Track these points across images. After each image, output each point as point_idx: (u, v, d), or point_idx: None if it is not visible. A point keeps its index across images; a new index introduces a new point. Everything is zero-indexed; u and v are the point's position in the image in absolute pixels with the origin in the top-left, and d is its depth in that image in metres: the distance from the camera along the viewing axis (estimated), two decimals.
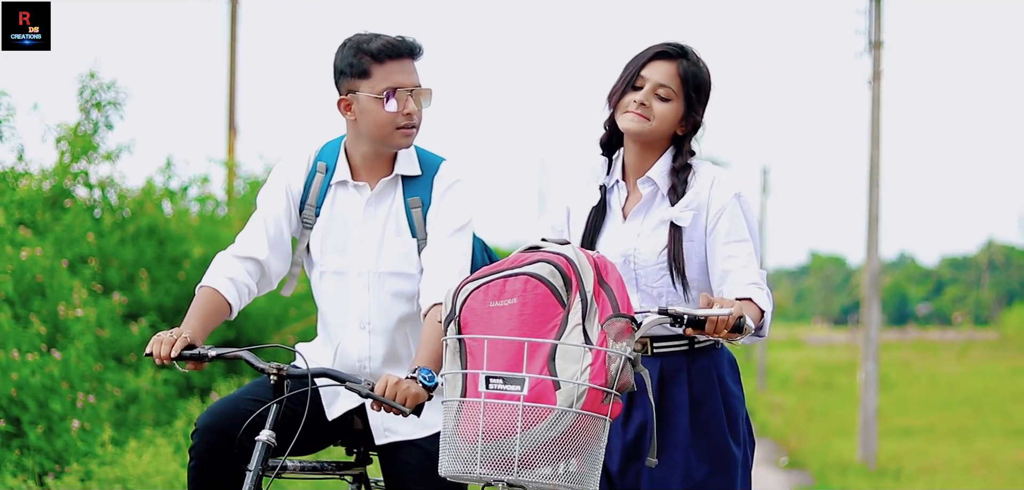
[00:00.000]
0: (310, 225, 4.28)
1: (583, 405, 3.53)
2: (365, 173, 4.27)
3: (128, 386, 9.83)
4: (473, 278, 3.75)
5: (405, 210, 4.23)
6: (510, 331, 3.59)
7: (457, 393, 3.62)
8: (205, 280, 4.16)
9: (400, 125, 4.18)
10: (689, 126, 4.09)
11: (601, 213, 4.16)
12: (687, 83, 4.04)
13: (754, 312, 3.93)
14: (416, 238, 4.22)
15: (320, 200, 4.29)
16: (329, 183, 4.29)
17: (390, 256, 4.21)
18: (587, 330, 3.60)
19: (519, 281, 3.65)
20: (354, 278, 4.23)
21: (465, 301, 3.69)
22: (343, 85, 4.21)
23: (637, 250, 4.08)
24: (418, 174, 4.26)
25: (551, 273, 3.65)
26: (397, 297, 4.21)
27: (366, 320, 4.21)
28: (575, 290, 3.64)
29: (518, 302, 3.62)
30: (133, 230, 11.49)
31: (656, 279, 4.07)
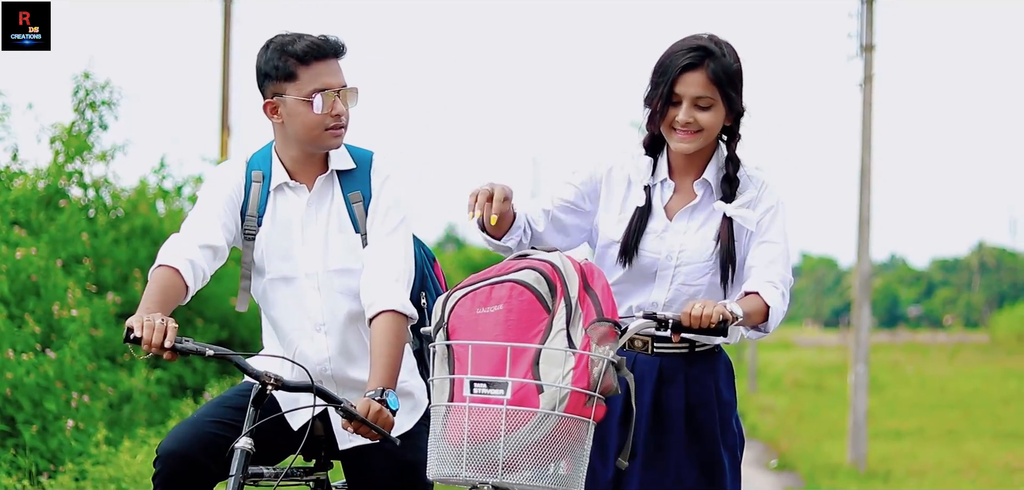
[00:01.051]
0: (252, 235, 4.22)
1: (566, 408, 3.60)
2: (300, 174, 4.22)
3: (122, 386, 9.86)
4: (461, 286, 3.81)
5: (346, 206, 4.20)
6: (496, 337, 3.65)
7: (444, 398, 3.71)
8: (163, 259, 4.01)
9: (329, 126, 4.13)
10: (733, 117, 4.13)
11: (646, 213, 4.18)
12: (721, 84, 4.05)
13: (756, 306, 3.97)
14: (359, 233, 4.19)
15: (261, 208, 4.22)
16: (268, 190, 4.23)
17: (336, 254, 4.16)
18: (571, 335, 3.66)
19: (505, 288, 3.72)
20: (303, 281, 4.18)
21: (453, 308, 3.76)
22: (268, 88, 4.17)
23: (683, 249, 4.13)
24: (353, 168, 4.24)
25: (536, 279, 3.72)
26: (346, 295, 4.16)
27: (320, 321, 4.17)
28: (560, 296, 3.71)
29: (504, 308, 3.69)
30: (127, 230, 11.48)
31: (699, 277, 4.13)
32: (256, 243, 4.21)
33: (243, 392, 4.14)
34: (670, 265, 4.12)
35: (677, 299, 4.12)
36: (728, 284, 4.13)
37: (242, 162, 4.27)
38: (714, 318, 3.77)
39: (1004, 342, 45.12)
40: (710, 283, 4.14)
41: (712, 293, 4.13)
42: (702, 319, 3.76)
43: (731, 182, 4.15)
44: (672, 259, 4.12)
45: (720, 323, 3.77)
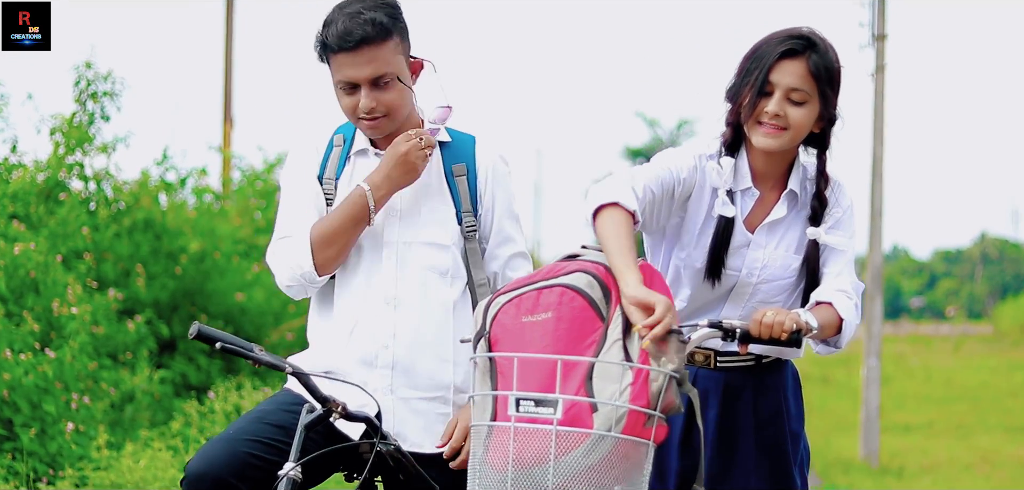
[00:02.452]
0: (331, 199, 3.98)
1: (623, 429, 3.21)
2: (387, 140, 3.97)
3: (124, 385, 9.63)
4: (505, 290, 3.47)
5: (446, 177, 3.98)
6: (544, 348, 3.29)
7: (486, 417, 3.32)
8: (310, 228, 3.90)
9: (361, 117, 3.90)
10: (825, 122, 3.79)
11: (731, 223, 3.84)
12: (820, 79, 3.72)
13: (829, 318, 3.67)
14: (457, 208, 3.96)
15: (338, 173, 3.99)
16: (347, 154, 4.00)
17: (425, 225, 3.93)
18: (628, 347, 3.29)
19: (554, 293, 3.36)
20: (381, 249, 3.92)
21: (495, 316, 3.42)
22: None
23: (766, 266, 3.83)
24: (449, 141, 4.01)
25: (589, 284, 3.37)
26: (429, 271, 3.91)
27: (392, 296, 3.89)
28: (615, 302, 3.35)
29: (553, 316, 3.33)
30: (128, 224, 11.27)
31: (775, 296, 3.84)
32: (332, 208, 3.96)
33: (287, 407, 3.78)
34: (750, 282, 3.82)
35: (751, 315, 3.75)
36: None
37: (326, 131, 4.07)
38: (787, 328, 3.44)
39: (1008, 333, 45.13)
40: (784, 302, 3.84)
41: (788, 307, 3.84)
42: (773, 329, 3.44)
43: (821, 200, 3.83)
44: (753, 276, 3.82)
45: (793, 334, 3.45)
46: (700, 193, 3.83)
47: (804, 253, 3.82)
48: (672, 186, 3.79)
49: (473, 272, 3.97)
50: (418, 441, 3.86)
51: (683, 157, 3.81)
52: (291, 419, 3.69)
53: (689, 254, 3.84)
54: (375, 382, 3.88)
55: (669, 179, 3.78)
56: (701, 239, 3.82)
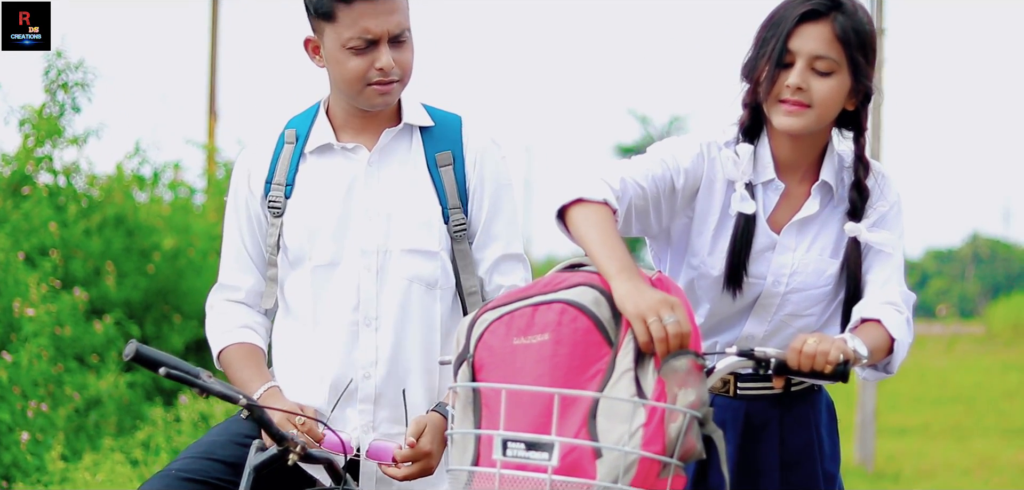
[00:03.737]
0: (280, 210, 3.46)
1: (632, 480, 2.61)
2: (355, 130, 3.47)
3: (89, 390, 9.22)
4: (494, 305, 2.88)
5: (429, 167, 3.46)
6: (539, 378, 2.71)
7: (467, 460, 2.75)
8: (230, 337, 3.50)
9: (373, 80, 3.37)
10: (860, 97, 3.20)
11: (752, 223, 3.26)
12: (849, 44, 3.12)
13: (878, 340, 3.07)
14: (443, 205, 3.44)
15: (290, 176, 3.46)
16: (301, 152, 3.48)
17: (407, 228, 3.42)
18: (640, 379, 2.69)
19: (553, 311, 2.78)
20: (355, 262, 3.41)
21: (482, 336, 2.83)
22: (310, 21, 3.44)
23: (796, 272, 3.26)
24: (431, 125, 3.49)
25: (595, 301, 2.78)
26: (413, 282, 3.41)
27: (372, 315, 3.39)
28: (626, 324, 2.75)
29: (551, 339, 2.76)
30: (99, 220, 10.89)
31: (809, 307, 3.29)
32: (287, 220, 3.44)
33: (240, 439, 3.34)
34: (777, 292, 3.26)
35: (777, 334, 3.25)
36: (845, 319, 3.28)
37: (276, 128, 3.56)
38: (832, 359, 2.85)
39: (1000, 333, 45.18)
40: (820, 316, 3.27)
41: (820, 325, 3.27)
42: (816, 360, 2.85)
43: (861, 191, 3.26)
44: (780, 285, 3.25)
45: (840, 366, 2.87)
46: (710, 187, 3.26)
47: (842, 256, 3.27)
48: (670, 180, 3.22)
49: (463, 278, 3.47)
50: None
51: (685, 146, 3.26)
52: (243, 455, 3.22)
53: (703, 261, 3.27)
54: (354, 419, 3.40)
55: (665, 173, 3.22)
56: (717, 243, 3.26)
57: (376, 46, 3.35)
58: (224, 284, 3.55)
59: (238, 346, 3.48)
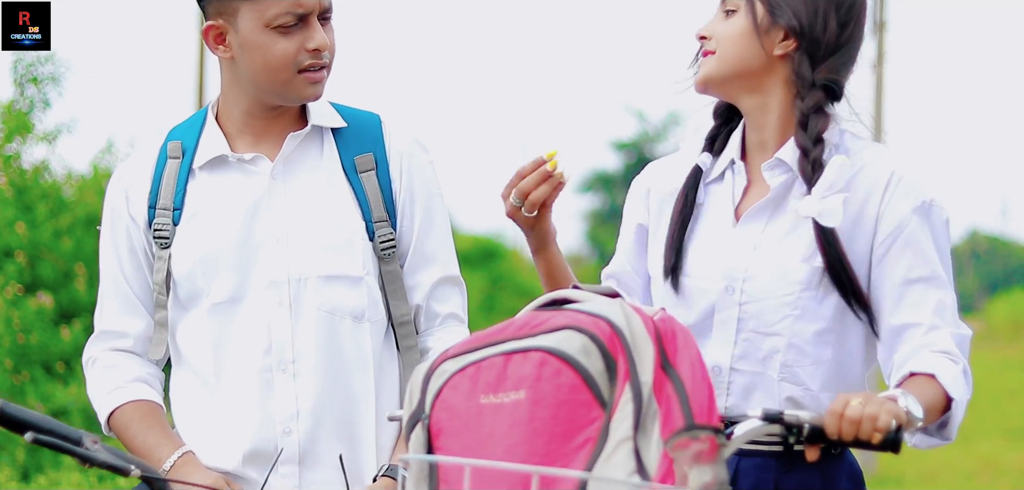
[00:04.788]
0: (167, 240, 2.95)
1: None
2: (254, 137, 2.95)
3: (55, 399, 8.83)
4: (455, 352, 2.29)
5: (347, 173, 2.94)
6: (512, 449, 2.15)
7: None
8: (121, 395, 2.98)
9: (304, 65, 2.88)
10: (789, 37, 2.65)
11: (688, 209, 2.74)
12: None
13: (933, 398, 2.50)
14: (367, 219, 2.93)
15: (178, 198, 2.94)
16: (188, 168, 2.96)
17: (323, 251, 2.90)
18: (641, 450, 2.13)
19: (531, 361, 2.21)
20: (261, 297, 2.89)
21: (440, 392, 2.26)
22: (211, 6, 2.90)
23: (749, 273, 2.66)
24: (344, 126, 2.97)
25: (583, 349, 2.20)
26: (335, 315, 2.89)
27: (288, 358, 2.87)
28: (623, 379, 2.18)
29: (528, 398, 2.18)
30: (70, 221, 10.52)
31: (776, 321, 2.65)
32: (175, 251, 2.92)
33: None
34: (731, 301, 2.66)
35: (748, 358, 2.66)
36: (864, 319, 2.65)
37: (155, 141, 3.04)
38: (882, 424, 2.28)
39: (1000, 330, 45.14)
40: (817, 337, 2.64)
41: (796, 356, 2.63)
42: (862, 426, 2.27)
43: (812, 160, 2.62)
44: (734, 290, 2.65)
45: (891, 434, 2.31)
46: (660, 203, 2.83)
47: (827, 263, 2.63)
48: (634, 234, 2.84)
49: (393, 306, 2.97)
50: None
51: (631, 194, 2.88)
52: None
53: (655, 263, 2.78)
54: (276, 487, 2.89)
55: (630, 235, 2.84)
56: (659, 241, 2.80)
57: (306, 23, 2.87)
58: (106, 331, 3.04)
59: (134, 405, 2.96)
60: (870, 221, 2.66)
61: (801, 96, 2.66)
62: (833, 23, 2.66)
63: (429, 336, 2.99)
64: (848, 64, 2.70)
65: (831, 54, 2.67)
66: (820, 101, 2.66)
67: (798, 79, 2.65)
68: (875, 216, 2.65)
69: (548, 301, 2.33)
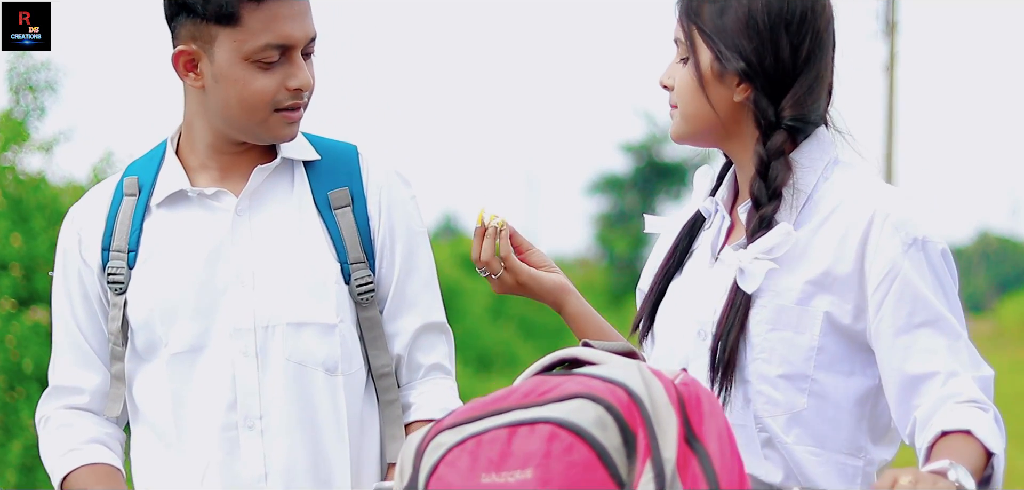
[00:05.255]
0: (122, 285, 2.69)
1: None
2: (218, 171, 2.71)
3: None
4: (452, 422, 2.04)
5: (321, 211, 2.71)
6: None
7: None
8: (77, 457, 2.73)
9: (283, 105, 2.64)
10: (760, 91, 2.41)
11: (676, 258, 2.55)
12: (697, 19, 2.42)
13: (973, 456, 2.22)
14: (342, 260, 2.69)
15: (134, 239, 2.70)
16: (146, 205, 2.72)
17: (293, 295, 2.66)
18: None
19: (539, 436, 1.95)
20: (225, 346, 2.65)
21: (435, 467, 2.01)
22: (184, 29, 2.64)
23: (716, 317, 2.43)
24: (317, 159, 2.76)
25: (599, 422, 1.94)
26: (306, 366, 2.65)
27: (254, 413, 2.63)
28: (644, 455, 1.92)
29: (535, 477, 1.92)
30: None
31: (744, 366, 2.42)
32: (132, 297, 2.69)
33: None
34: (703, 347, 2.44)
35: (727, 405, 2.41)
36: (727, 401, 2.39)
37: (111, 179, 2.81)
38: None
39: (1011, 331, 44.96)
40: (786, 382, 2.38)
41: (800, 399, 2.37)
42: None
43: (760, 215, 2.41)
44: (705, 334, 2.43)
45: None
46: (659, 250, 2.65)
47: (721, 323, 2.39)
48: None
49: (372, 356, 2.73)
50: None
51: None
52: None
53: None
54: None
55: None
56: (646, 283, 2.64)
57: (288, 57, 2.63)
58: (60, 387, 2.77)
59: (89, 469, 2.70)
60: (851, 268, 2.40)
61: (763, 140, 2.43)
62: (784, 49, 2.40)
63: (411, 389, 2.76)
64: (815, 89, 2.43)
65: (792, 83, 2.41)
66: (782, 144, 2.42)
67: (761, 120, 2.43)
68: (859, 263, 2.40)
69: (556, 361, 2.08)
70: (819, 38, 2.41)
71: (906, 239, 2.37)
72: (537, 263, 2.69)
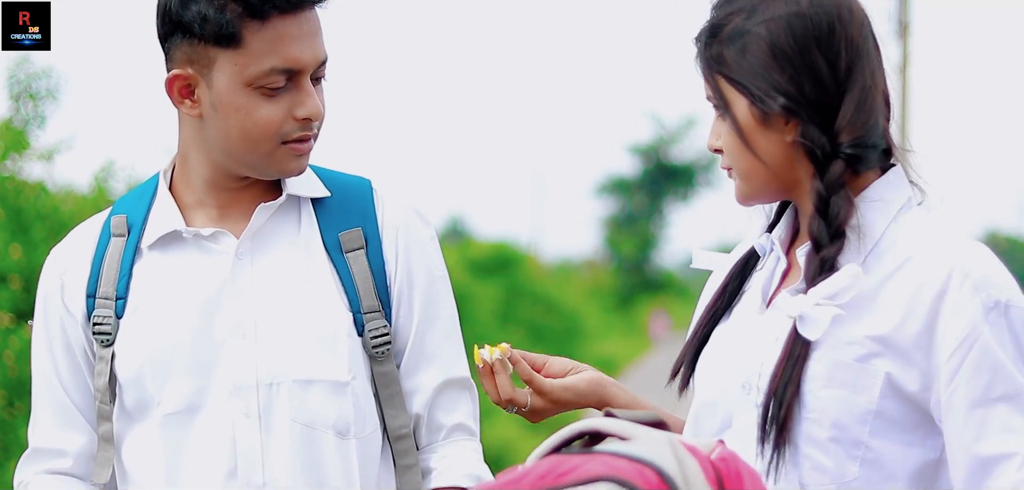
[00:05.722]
0: (110, 336, 2.43)
1: None
2: (217, 210, 2.45)
3: None
4: None
5: (331, 255, 2.44)
6: None
7: None
8: None
9: (291, 137, 2.37)
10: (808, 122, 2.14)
11: (723, 301, 2.29)
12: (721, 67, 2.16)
13: None
14: (355, 310, 2.43)
15: (122, 285, 2.42)
16: (136, 247, 2.45)
17: (301, 349, 2.40)
18: None
19: None
20: (224, 406, 2.39)
21: None
22: (179, 51, 2.37)
23: (766, 368, 2.17)
24: (326, 195, 2.49)
25: None
26: (315, 429, 2.40)
27: (257, 482, 2.37)
28: None
29: None
30: None
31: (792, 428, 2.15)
32: (119, 350, 2.42)
33: None
34: (748, 402, 2.18)
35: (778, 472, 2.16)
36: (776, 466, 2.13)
37: (98, 218, 2.53)
38: None
39: None
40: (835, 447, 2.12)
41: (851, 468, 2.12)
42: None
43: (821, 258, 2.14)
44: (750, 388, 2.17)
45: None
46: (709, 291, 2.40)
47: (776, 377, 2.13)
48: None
49: (388, 416, 2.47)
50: None
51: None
52: None
53: None
54: None
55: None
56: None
57: (296, 84, 2.36)
58: (40, 449, 2.48)
59: None
60: (921, 329, 2.12)
61: (819, 174, 2.16)
62: (821, 68, 2.15)
63: (432, 453, 2.50)
64: (866, 102, 2.17)
65: (839, 103, 2.16)
66: (841, 174, 2.15)
67: (816, 152, 2.16)
68: (931, 325, 2.12)
69: (574, 435, 1.80)
70: (855, 46, 2.17)
71: (987, 301, 2.10)
72: (560, 372, 2.41)
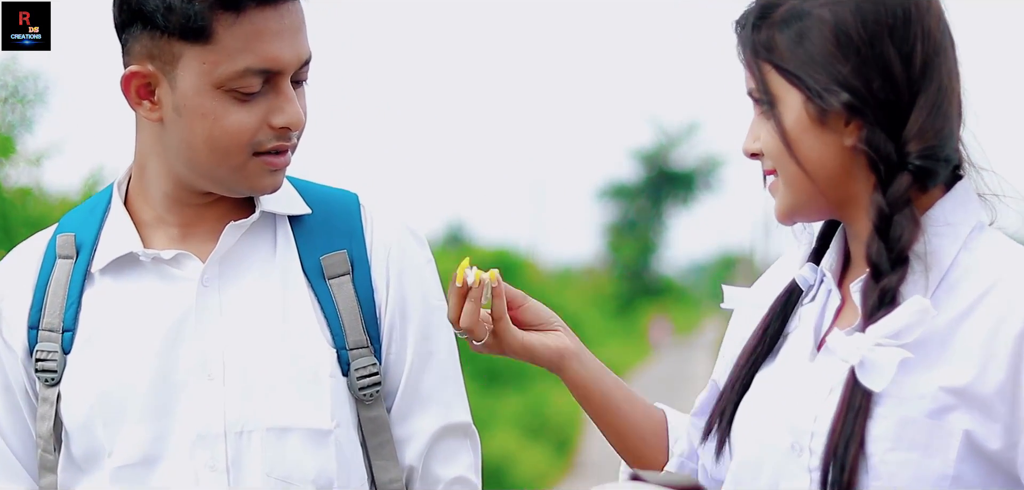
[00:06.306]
0: (55, 375, 2.07)
1: None
2: (180, 228, 2.12)
3: None
4: None
5: (312, 282, 2.11)
6: None
7: None
8: None
9: (265, 147, 2.04)
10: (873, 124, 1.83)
11: (773, 332, 1.96)
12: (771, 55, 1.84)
13: None
14: (339, 346, 2.09)
15: (70, 315, 2.08)
16: (86, 271, 2.11)
17: (275, 392, 2.07)
18: None
19: None
20: (186, 456, 2.05)
21: None
22: (139, 44, 2.04)
23: (821, 425, 1.85)
24: (307, 212, 2.15)
25: None
26: (291, 486, 2.07)
27: None
28: None
29: None
30: None
31: None
32: (66, 391, 2.09)
33: None
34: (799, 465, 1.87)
35: None
36: None
37: (41, 237, 2.19)
38: None
39: None
40: None
41: None
42: None
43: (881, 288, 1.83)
44: (801, 449, 1.86)
45: None
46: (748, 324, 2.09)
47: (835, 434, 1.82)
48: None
49: (376, 468, 2.13)
50: None
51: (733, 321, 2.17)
52: None
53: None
54: None
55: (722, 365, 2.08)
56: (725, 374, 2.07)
57: (274, 86, 2.04)
58: None
59: None
60: (1005, 377, 1.82)
61: (881, 187, 1.86)
62: (893, 62, 1.83)
63: None
64: (941, 106, 1.86)
65: (912, 105, 1.85)
66: (907, 189, 1.85)
67: (880, 161, 1.85)
68: (1016, 371, 1.82)
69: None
70: (933, 39, 1.87)
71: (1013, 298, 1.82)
72: (532, 321, 2.11)
